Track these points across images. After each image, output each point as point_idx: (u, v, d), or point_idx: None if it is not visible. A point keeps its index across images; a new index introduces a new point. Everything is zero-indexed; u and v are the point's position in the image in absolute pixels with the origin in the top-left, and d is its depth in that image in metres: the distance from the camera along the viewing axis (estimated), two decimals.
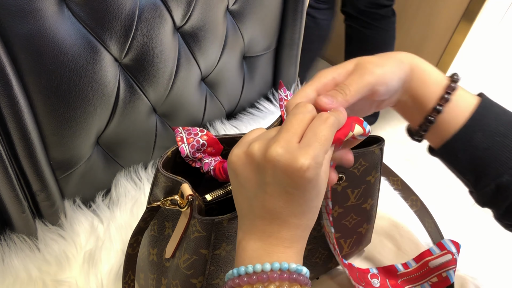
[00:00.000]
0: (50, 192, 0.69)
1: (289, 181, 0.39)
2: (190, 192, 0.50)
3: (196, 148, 0.56)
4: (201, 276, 0.55)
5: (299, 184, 0.39)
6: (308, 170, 0.38)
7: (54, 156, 0.68)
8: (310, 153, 0.38)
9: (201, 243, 0.52)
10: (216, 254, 0.53)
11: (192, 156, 0.56)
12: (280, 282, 0.39)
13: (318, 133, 0.40)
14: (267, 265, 0.40)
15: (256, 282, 0.40)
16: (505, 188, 0.51)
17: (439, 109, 0.51)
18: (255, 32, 0.92)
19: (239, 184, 0.42)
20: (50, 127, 0.65)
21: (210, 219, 0.51)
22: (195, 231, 0.52)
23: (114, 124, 0.75)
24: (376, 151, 0.64)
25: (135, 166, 0.86)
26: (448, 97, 0.51)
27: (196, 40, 0.80)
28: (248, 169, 0.41)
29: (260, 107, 1.07)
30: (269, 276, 0.39)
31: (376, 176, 0.67)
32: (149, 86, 0.75)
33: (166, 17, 0.71)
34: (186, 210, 0.52)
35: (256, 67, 1.01)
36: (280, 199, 0.40)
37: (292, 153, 0.38)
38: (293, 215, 0.41)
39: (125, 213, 0.79)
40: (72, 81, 0.62)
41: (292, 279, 0.40)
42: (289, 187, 0.39)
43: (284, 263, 0.40)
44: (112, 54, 0.67)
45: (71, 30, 0.60)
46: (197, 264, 0.54)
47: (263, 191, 0.40)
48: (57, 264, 0.70)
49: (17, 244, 0.70)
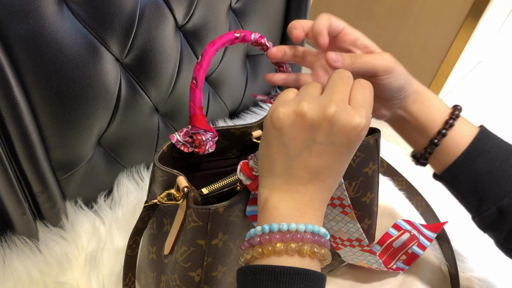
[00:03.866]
0: (51, 193, 0.69)
1: (345, 140, 0.40)
2: (185, 184, 0.50)
3: (188, 135, 0.55)
4: (199, 269, 0.54)
5: (352, 142, 0.41)
6: (363, 129, 0.40)
7: (55, 157, 0.68)
8: (363, 114, 0.40)
9: (197, 234, 0.52)
10: (213, 245, 0.53)
11: (183, 140, 0.55)
12: (312, 245, 0.40)
13: (366, 96, 0.42)
14: (301, 226, 0.40)
15: (289, 241, 0.40)
16: (505, 211, 0.54)
17: (444, 133, 0.55)
18: (258, 30, 0.90)
19: (282, 143, 0.41)
20: (51, 128, 0.64)
21: (205, 208, 0.50)
22: (191, 222, 0.51)
23: (116, 124, 0.74)
24: (372, 141, 0.63)
25: (137, 166, 0.85)
26: (452, 122, 0.55)
27: (199, 39, 0.79)
28: (296, 128, 0.41)
29: (263, 106, 1.06)
30: (303, 237, 0.40)
31: (374, 168, 0.66)
32: (151, 86, 0.75)
33: (167, 15, 0.70)
34: (183, 202, 0.51)
35: (260, 65, 1.00)
36: (327, 159, 0.41)
37: (349, 113, 0.40)
38: (331, 176, 0.42)
39: (127, 213, 0.78)
40: (72, 82, 0.62)
41: (321, 243, 0.41)
42: (342, 146, 0.40)
43: (316, 226, 0.41)
44: (113, 54, 0.66)
45: (71, 30, 0.59)
46: (194, 255, 0.53)
47: (309, 150, 0.41)
48: (59, 266, 0.70)
49: (18, 246, 0.70)
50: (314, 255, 0.40)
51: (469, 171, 0.55)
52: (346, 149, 0.41)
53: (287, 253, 0.40)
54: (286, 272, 0.39)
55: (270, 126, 0.42)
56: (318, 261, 0.41)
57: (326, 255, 0.42)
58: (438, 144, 0.56)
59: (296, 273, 0.39)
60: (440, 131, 0.55)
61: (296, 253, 0.40)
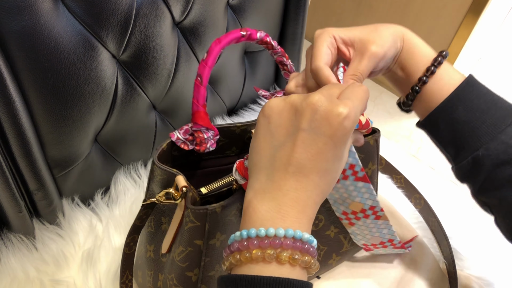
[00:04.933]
0: (47, 191, 0.68)
1: (327, 128, 0.39)
2: (184, 184, 0.50)
3: (189, 133, 0.55)
4: (197, 269, 0.54)
5: (335, 132, 0.39)
6: (346, 119, 0.39)
7: (51, 155, 0.67)
8: (349, 104, 0.40)
9: (195, 234, 0.51)
10: (211, 245, 0.53)
11: (184, 138, 0.55)
12: (292, 251, 0.38)
13: (355, 92, 0.42)
14: (280, 231, 0.38)
15: (267, 247, 0.38)
16: (480, 162, 0.53)
17: (425, 80, 0.55)
18: (256, 27, 0.91)
19: (268, 131, 0.41)
20: (47, 125, 0.64)
21: (203, 208, 0.50)
22: (189, 222, 0.51)
23: (113, 121, 0.74)
24: (371, 142, 0.63)
25: (135, 164, 0.85)
26: (434, 69, 0.54)
27: (196, 36, 0.78)
28: (283, 115, 0.41)
29: (262, 103, 1.06)
30: (282, 242, 0.38)
31: (373, 168, 0.66)
32: (148, 83, 0.74)
33: (164, 12, 0.69)
34: (181, 202, 0.51)
35: (258, 62, 0.99)
36: (310, 149, 0.40)
37: (333, 101, 0.40)
38: (315, 171, 0.40)
39: (124, 211, 0.78)
40: (68, 79, 0.61)
41: (304, 249, 0.38)
42: (324, 136, 0.39)
43: (298, 231, 0.38)
44: (110, 51, 0.66)
45: (67, 27, 0.59)
46: (192, 255, 0.53)
47: (293, 139, 0.40)
48: (55, 264, 0.70)
49: (15, 244, 0.69)
50: (295, 262, 0.38)
51: (449, 119, 0.55)
52: (329, 139, 0.39)
53: (264, 261, 0.38)
54: (265, 282, 0.36)
55: (261, 115, 0.43)
56: (301, 268, 0.39)
57: (310, 262, 0.39)
58: (419, 91, 0.56)
59: (276, 283, 0.36)
60: (421, 78, 0.55)
61: (274, 260, 0.38)
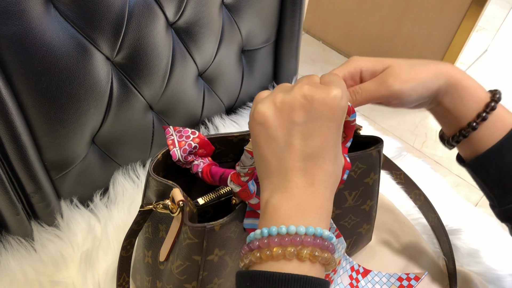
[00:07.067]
0: (44, 193, 0.69)
1: (329, 112, 0.40)
2: (181, 198, 0.49)
3: (188, 152, 0.55)
4: (195, 281, 0.54)
5: (336, 113, 0.40)
6: (342, 98, 0.40)
7: (48, 157, 0.68)
8: (336, 85, 0.41)
9: (193, 250, 0.51)
10: (209, 260, 0.52)
11: (184, 160, 0.55)
12: (313, 248, 0.38)
13: (333, 77, 0.43)
14: (301, 228, 0.38)
15: (288, 245, 0.38)
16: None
17: (475, 127, 0.53)
18: (253, 25, 0.90)
19: (268, 137, 0.41)
20: (42, 128, 0.64)
21: (201, 226, 0.49)
22: (187, 238, 0.50)
23: (109, 123, 0.74)
24: (374, 153, 0.62)
25: (133, 164, 0.85)
26: (486, 115, 0.52)
27: (191, 36, 0.78)
28: (279, 117, 0.41)
29: None
30: (303, 240, 0.38)
31: (375, 178, 0.65)
32: (143, 84, 0.74)
33: (158, 13, 0.69)
34: (178, 215, 0.51)
35: (256, 60, 0.99)
36: (317, 139, 0.40)
37: (323, 88, 0.40)
38: (328, 159, 0.40)
39: (123, 212, 0.78)
40: (62, 82, 0.62)
41: (324, 246, 0.39)
42: (327, 120, 0.40)
43: (318, 229, 0.38)
44: (103, 53, 0.66)
45: (59, 30, 0.59)
46: (190, 270, 0.53)
47: (297, 135, 0.40)
48: (54, 265, 0.70)
49: (13, 246, 0.70)
50: (315, 259, 0.38)
51: (498, 163, 0.54)
52: (332, 123, 0.40)
53: (285, 258, 0.38)
54: (284, 279, 0.36)
55: (254, 124, 0.42)
56: (320, 265, 0.39)
57: (330, 259, 0.39)
58: (467, 136, 0.54)
59: (295, 280, 0.36)
60: (470, 123, 0.53)
61: (294, 257, 0.38)
